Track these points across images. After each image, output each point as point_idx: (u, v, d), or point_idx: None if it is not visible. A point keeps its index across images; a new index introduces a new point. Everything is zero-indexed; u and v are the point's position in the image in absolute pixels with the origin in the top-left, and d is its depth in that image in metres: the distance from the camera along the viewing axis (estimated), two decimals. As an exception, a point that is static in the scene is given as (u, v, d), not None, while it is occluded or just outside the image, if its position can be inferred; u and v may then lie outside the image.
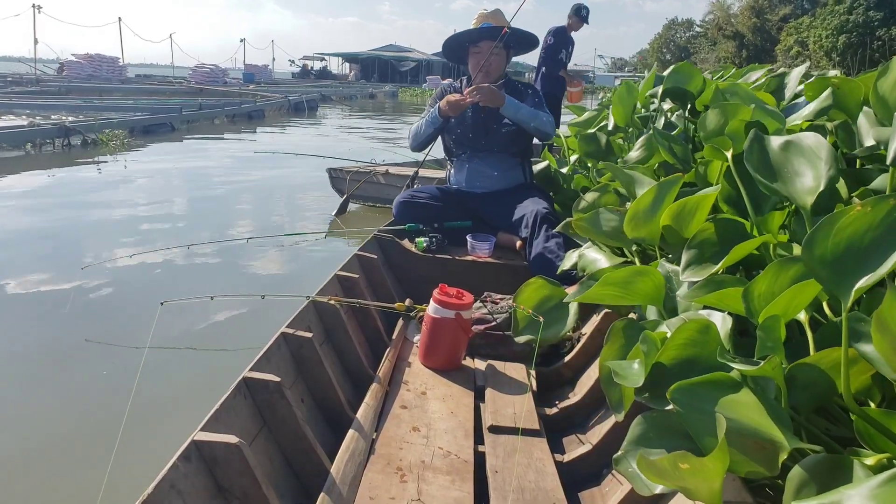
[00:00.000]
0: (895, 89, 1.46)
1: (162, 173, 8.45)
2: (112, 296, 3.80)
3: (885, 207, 1.01)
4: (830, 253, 1.05)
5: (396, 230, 3.21)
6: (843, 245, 1.04)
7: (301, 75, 56.71)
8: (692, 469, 0.92)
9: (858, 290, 1.00)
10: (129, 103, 17.08)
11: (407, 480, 1.56)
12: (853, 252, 1.04)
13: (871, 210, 1.02)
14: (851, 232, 1.04)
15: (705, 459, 0.90)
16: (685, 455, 0.92)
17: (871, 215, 1.02)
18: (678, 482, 0.97)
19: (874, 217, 1.02)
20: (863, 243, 1.03)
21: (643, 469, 1.01)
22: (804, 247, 1.07)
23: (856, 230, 1.03)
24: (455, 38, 3.42)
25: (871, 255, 1.02)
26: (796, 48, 30.78)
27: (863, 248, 1.03)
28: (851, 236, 1.04)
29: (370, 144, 9.13)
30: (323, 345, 2.13)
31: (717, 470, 0.91)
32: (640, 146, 2.56)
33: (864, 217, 1.03)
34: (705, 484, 0.94)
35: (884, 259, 1.00)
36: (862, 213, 1.03)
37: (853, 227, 1.04)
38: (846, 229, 1.04)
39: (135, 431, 2.24)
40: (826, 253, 1.05)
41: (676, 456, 0.93)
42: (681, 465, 0.93)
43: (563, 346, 2.37)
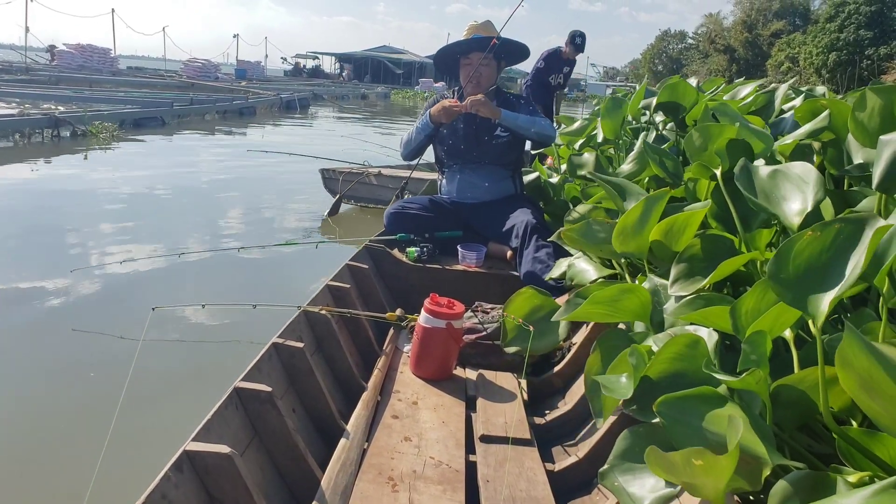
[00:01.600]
0: (872, 118, 1.50)
1: (152, 168, 8.41)
2: (102, 300, 3.77)
3: (832, 231, 1.10)
4: (793, 275, 1.12)
5: (388, 240, 3.23)
6: (803, 267, 1.12)
7: (293, 73, 56.52)
8: (705, 466, 0.94)
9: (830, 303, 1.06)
10: (120, 95, 16.96)
11: (398, 490, 1.57)
12: (813, 273, 1.11)
13: (822, 234, 1.10)
14: (808, 255, 1.11)
15: (720, 457, 0.93)
16: (701, 451, 0.95)
17: (822, 239, 1.10)
18: (686, 478, 0.99)
19: (824, 240, 1.10)
20: (819, 264, 1.11)
21: (652, 463, 1.03)
22: (769, 272, 1.14)
23: (811, 253, 1.11)
24: (445, 49, 3.44)
25: (829, 275, 1.09)
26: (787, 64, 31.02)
27: (820, 269, 1.10)
28: (809, 259, 1.11)
29: (362, 145, 9.08)
30: (314, 355, 2.15)
31: (729, 468, 0.93)
32: (632, 160, 2.58)
33: (817, 241, 1.11)
34: (713, 482, 0.96)
35: (841, 278, 1.07)
36: (813, 237, 1.11)
37: (808, 250, 1.11)
38: (803, 253, 1.12)
39: (123, 439, 2.23)
40: (790, 276, 1.12)
41: (691, 452, 0.96)
42: (695, 461, 0.95)
43: (553, 355, 2.39)
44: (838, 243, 1.08)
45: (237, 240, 5.21)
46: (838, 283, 1.06)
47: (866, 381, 0.85)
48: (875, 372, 0.85)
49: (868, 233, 1.05)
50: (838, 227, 1.08)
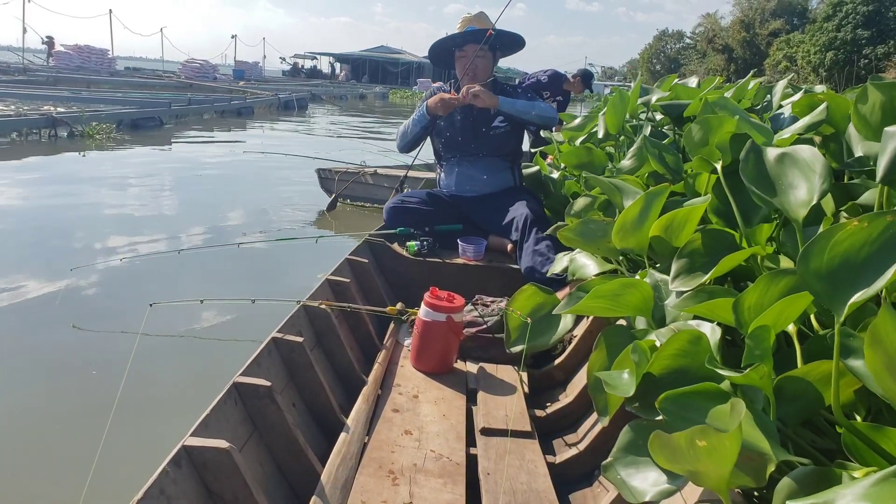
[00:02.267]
0: (874, 112, 1.49)
1: (150, 168, 8.40)
2: (101, 297, 3.76)
3: (882, 224, 1.02)
4: (825, 267, 1.06)
5: (387, 234, 3.22)
6: (839, 260, 1.06)
7: (291, 73, 56.52)
8: (709, 446, 0.93)
9: (853, 304, 1.02)
10: (118, 96, 16.94)
11: (399, 484, 1.57)
12: (848, 267, 1.05)
13: (868, 226, 1.03)
14: (847, 247, 1.05)
15: (724, 435, 0.91)
16: (705, 430, 0.93)
17: (868, 231, 1.03)
18: (690, 464, 0.98)
19: (870, 233, 1.03)
20: (858, 258, 1.04)
21: (655, 449, 1.02)
22: (800, 260, 1.09)
23: (851, 245, 1.05)
24: (440, 43, 3.42)
25: (865, 270, 1.03)
26: (784, 63, 31.08)
27: (858, 264, 1.04)
28: (847, 251, 1.05)
29: (360, 145, 9.09)
30: (314, 349, 2.14)
31: (732, 449, 0.92)
32: (632, 155, 2.58)
33: (861, 232, 1.04)
34: (717, 467, 0.95)
35: (878, 275, 1.01)
36: (858, 228, 1.04)
37: (849, 241, 1.05)
38: (842, 244, 1.05)
39: (121, 435, 2.22)
40: (821, 267, 1.07)
41: (694, 431, 0.94)
42: (698, 441, 0.93)
43: (554, 348, 2.39)
44: (885, 238, 1.02)
45: (235, 237, 5.21)
46: (874, 280, 1.01)
47: (894, 361, 0.83)
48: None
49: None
50: (890, 219, 1.01)
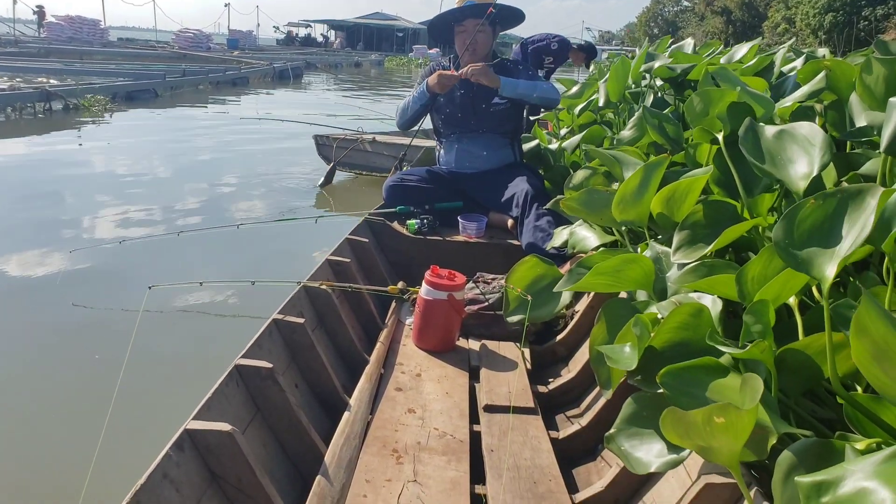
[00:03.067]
0: (878, 83, 1.48)
1: (146, 141, 8.35)
2: (101, 279, 3.74)
3: (833, 202, 1.12)
4: (798, 241, 1.14)
5: (387, 213, 3.21)
6: (808, 233, 1.14)
7: (286, 42, 55.96)
8: (727, 423, 0.93)
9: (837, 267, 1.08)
10: (112, 68, 16.79)
11: (403, 462, 1.58)
12: (818, 238, 1.13)
13: (823, 203, 1.13)
14: (812, 221, 1.14)
15: (743, 412, 0.92)
16: (725, 407, 0.94)
17: (824, 207, 1.13)
18: (703, 440, 0.99)
19: (828, 208, 1.13)
20: (824, 229, 1.13)
21: (667, 425, 1.02)
22: (774, 238, 1.15)
23: (816, 219, 1.13)
24: (440, 18, 3.37)
25: (835, 239, 1.11)
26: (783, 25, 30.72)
27: (826, 234, 1.12)
28: (813, 225, 1.14)
29: (358, 112, 9.03)
30: (315, 330, 2.14)
31: (748, 425, 0.93)
32: (633, 125, 2.56)
33: (819, 209, 1.13)
34: (730, 443, 0.96)
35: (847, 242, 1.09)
36: (816, 205, 1.13)
37: (813, 217, 1.14)
38: (808, 219, 1.14)
39: (123, 418, 2.21)
40: (794, 242, 1.14)
41: (714, 409, 0.94)
42: (716, 418, 0.94)
43: (556, 323, 2.40)
44: (842, 210, 1.10)
45: (235, 215, 5.19)
46: (844, 247, 1.07)
47: (882, 350, 0.84)
48: (892, 341, 0.84)
49: (871, 201, 1.07)
50: (840, 197, 1.11)
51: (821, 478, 0.87)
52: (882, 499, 0.79)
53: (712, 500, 1.21)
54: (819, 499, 0.86)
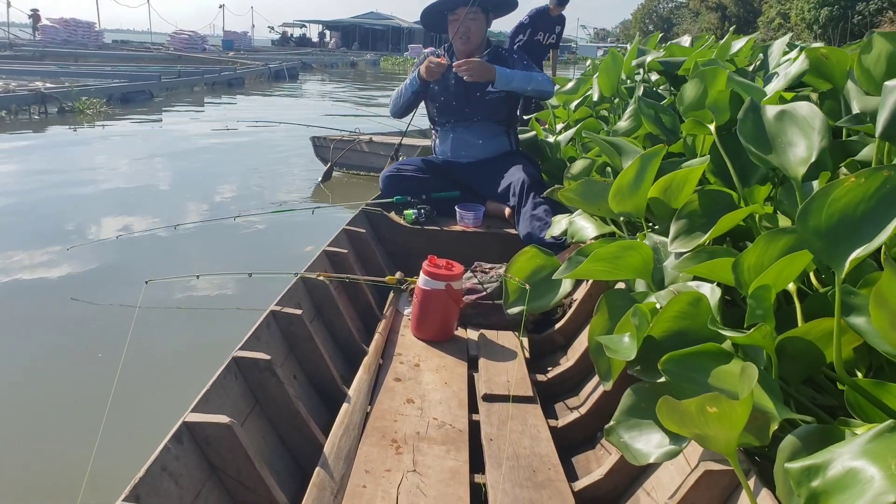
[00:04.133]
0: (878, 63, 1.47)
1: (142, 143, 8.35)
2: (98, 275, 3.74)
3: (878, 179, 1.02)
4: (824, 224, 1.06)
5: (384, 203, 3.20)
6: (837, 216, 1.05)
7: (281, 42, 55.92)
8: (720, 413, 0.93)
9: (853, 261, 1.01)
10: (107, 70, 16.76)
11: (402, 452, 1.57)
12: (847, 223, 1.04)
13: (865, 182, 1.03)
14: (845, 203, 1.05)
15: (735, 403, 0.91)
16: (716, 397, 0.93)
17: (865, 187, 1.03)
18: (698, 429, 0.98)
19: (867, 189, 1.03)
20: (856, 215, 1.04)
21: (664, 413, 1.02)
22: (799, 218, 1.08)
23: (849, 202, 1.04)
24: (432, 7, 3.34)
25: (864, 226, 1.03)
26: (778, 20, 30.76)
27: (856, 220, 1.04)
28: (845, 208, 1.05)
29: (354, 113, 9.02)
30: (313, 321, 2.14)
31: (743, 415, 0.92)
32: (629, 116, 2.56)
33: (858, 189, 1.03)
34: (726, 432, 0.95)
35: (877, 231, 1.00)
36: (856, 184, 1.03)
37: (847, 198, 1.04)
38: (840, 201, 1.05)
39: (121, 412, 2.21)
40: (820, 224, 1.06)
41: (706, 399, 0.94)
42: (709, 408, 0.93)
43: (554, 312, 2.40)
44: (882, 194, 1.01)
45: (232, 210, 5.18)
46: (873, 236, 1.00)
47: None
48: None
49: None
50: (887, 174, 1.01)
51: (810, 462, 0.87)
52: (870, 476, 0.80)
53: (711, 487, 1.21)
54: (810, 483, 0.86)
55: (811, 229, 1.06)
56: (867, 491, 0.79)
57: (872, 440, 0.86)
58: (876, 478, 0.80)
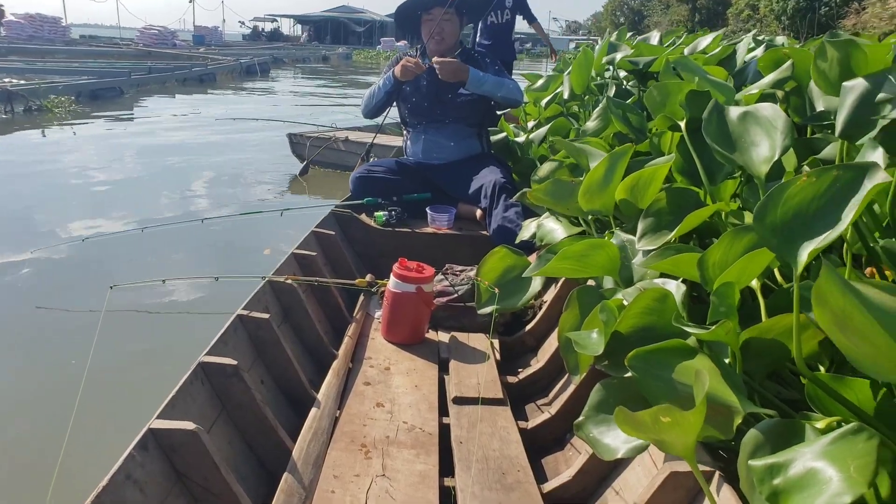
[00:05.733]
0: (832, 68, 1.49)
1: (112, 141, 8.22)
2: (63, 279, 3.68)
3: (829, 178, 1.04)
4: (780, 222, 1.08)
5: (354, 205, 3.18)
6: (792, 214, 1.07)
7: (252, 37, 55.49)
8: (673, 422, 0.94)
9: (811, 253, 1.04)
10: (75, 66, 16.48)
11: (371, 457, 1.57)
12: (801, 221, 1.07)
13: (817, 180, 1.05)
14: (799, 201, 1.07)
15: (687, 413, 0.92)
16: (668, 409, 0.94)
17: (817, 185, 1.05)
18: (655, 435, 0.99)
19: (819, 187, 1.05)
20: (809, 212, 1.06)
21: (621, 422, 1.03)
22: (755, 217, 1.10)
23: (802, 200, 1.06)
24: (405, 7, 3.34)
25: (817, 223, 1.05)
26: (747, 12, 30.99)
27: (810, 217, 1.06)
28: (799, 206, 1.07)
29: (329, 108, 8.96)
30: (281, 325, 2.12)
31: (696, 423, 0.93)
32: (597, 116, 2.57)
33: (810, 187, 1.06)
34: (681, 438, 0.96)
35: (830, 227, 1.03)
36: (808, 183, 1.05)
37: (800, 196, 1.07)
38: (794, 199, 1.07)
39: (87, 421, 2.17)
40: (776, 221, 1.08)
41: (659, 410, 0.95)
42: (662, 418, 0.95)
43: (525, 314, 2.40)
44: (832, 192, 1.04)
45: (203, 210, 5.14)
46: (825, 232, 1.03)
47: (840, 317, 0.85)
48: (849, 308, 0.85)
49: (867, 184, 1.00)
50: (836, 173, 1.04)
51: (772, 461, 0.89)
52: (829, 477, 0.82)
53: (677, 489, 1.23)
54: (772, 481, 0.88)
55: (768, 227, 1.08)
56: (825, 491, 0.81)
57: (834, 441, 0.87)
58: (834, 479, 0.81)
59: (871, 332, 0.84)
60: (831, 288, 0.85)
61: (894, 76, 1.29)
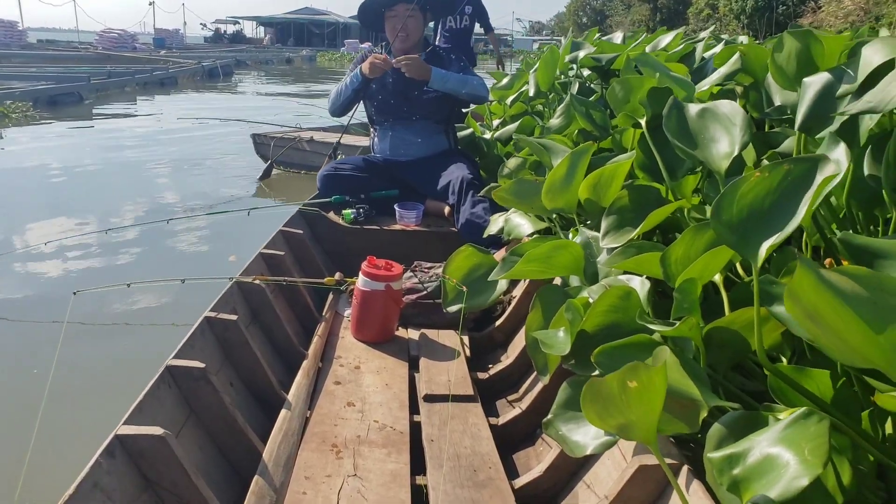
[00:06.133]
0: (789, 61, 1.52)
1: (72, 146, 8.08)
2: (25, 286, 3.62)
3: (781, 173, 1.06)
4: (736, 218, 1.09)
5: (322, 203, 3.17)
6: (747, 210, 1.09)
7: (214, 40, 54.94)
8: (639, 386, 0.94)
9: (766, 250, 1.05)
10: (32, 71, 16.19)
11: (343, 457, 1.57)
12: (756, 216, 1.08)
13: (769, 175, 1.06)
14: (753, 197, 1.08)
15: (652, 370, 0.93)
16: (635, 367, 0.94)
17: (770, 180, 1.07)
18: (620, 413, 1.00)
19: (772, 182, 1.07)
20: (764, 207, 1.08)
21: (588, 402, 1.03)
22: (712, 215, 1.11)
23: (757, 195, 1.08)
24: (369, 2, 3.34)
25: (772, 218, 1.07)
26: (707, 11, 31.42)
27: (764, 212, 1.08)
28: (753, 201, 1.08)
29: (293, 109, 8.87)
30: (249, 326, 2.11)
31: (660, 385, 0.94)
32: (560, 113, 2.59)
33: (764, 182, 1.07)
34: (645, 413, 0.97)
35: (785, 221, 1.04)
36: (761, 178, 1.07)
37: (754, 192, 1.08)
38: (748, 195, 1.08)
39: (52, 427, 2.15)
40: (732, 219, 1.09)
41: (626, 371, 0.94)
42: (629, 383, 0.94)
43: (494, 310, 2.42)
44: (785, 186, 1.06)
45: (167, 213, 5.07)
46: (781, 227, 1.05)
47: (813, 312, 0.86)
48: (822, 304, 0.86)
49: (819, 177, 1.02)
50: (787, 168, 1.05)
51: (731, 451, 0.91)
52: (786, 462, 0.84)
53: (646, 481, 1.25)
54: (731, 471, 0.90)
55: (725, 224, 1.10)
56: (783, 476, 0.83)
57: (788, 426, 0.90)
58: (791, 463, 0.83)
59: (844, 324, 0.85)
60: (806, 281, 0.86)
61: (853, 70, 1.31)
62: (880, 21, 16.28)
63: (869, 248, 1.08)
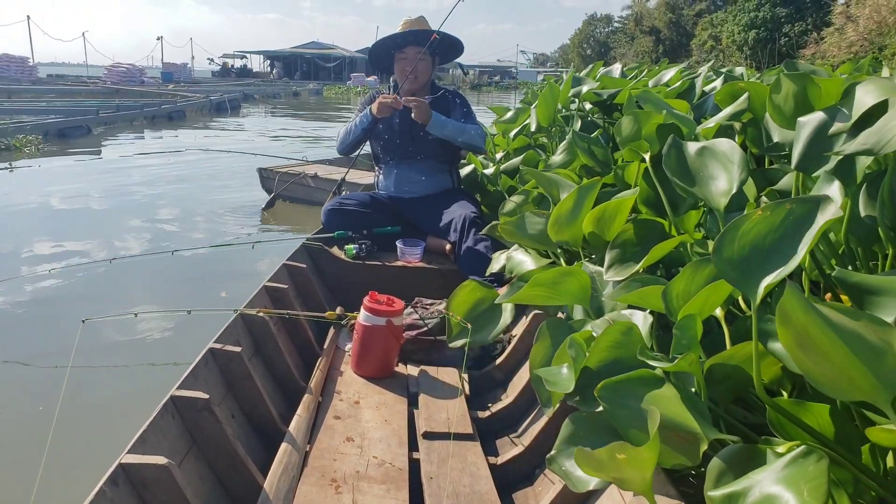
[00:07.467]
0: (787, 101, 1.54)
1: (81, 177, 8.14)
2: (30, 314, 3.64)
3: (783, 212, 1.07)
4: (737, 255, 1.10)
5: (325, 238, 3.19)
6: (748, 248, 1.10)
7: (221, 74, 55.53)
8: (628, 459, 0.96)
9: (765, 288, 1.06)
10: (42, 105, 16.37)
11: (342, 492, 1.56)
12: (757, 254, 1.09)
13: (771, 214, 1.08)
14: (754, 235, 1.10)
15: (640, 448, 0.94)
16: (622, 445, 0.96)
17: (771, 219, 1.08)
18: (613, 473, 1.01)
19: (773, 221, 1.08)
20: (765, 245, 1.09)
21: (581, 462, 1.05)
22: (714, 251, 1.12)
23: (758, 233, 1.10)
24: (380, 44, 3.40)
25: (773, 255, 1.08)
26: (710, 42, 31.74)
27: (765, 250, 1.09)
28: (755, 239, 1.10)
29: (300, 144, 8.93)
30: (252, 358, 2.11)
31: (650, 458, 0.95)
32: (563, 150, 2.62)
33: (765, 221, 1.09)
34: (638, 473, 0.98)
35: (785, 259, 1.06)
36: (763, 217, 1.09)
37: (755, 230, 1.10)
38: (750, 233, 1.10)
39: (59, 456, 2.15)
40: (733, 255, 1.11)
41: (614, 447, 0.97)
42: (618, 455, 0.96)
43: (494, 348, 2.41)
44: (786, 225, 1.07)
45: (172, 244, 5.10)
46: (781, 264, 1.06)
47: (802, 337, 0.87)
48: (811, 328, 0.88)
49: (821, 218, 1.03)
50: (789, 207, 1.07)
51: (730, 489, 0.91)
52: (785, 501, 0.84)
53: None
54: None
55: (726, 261, 1.11)
56: (782, 517, 0.83)
57: (787, 465, 0.90)
58: (790, 503, 0.83)
59: (832, 351, 0.86)
60: (794, 307, 0.88)
61: (848, 109, 1.33)
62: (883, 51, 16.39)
63: (864, 284, 1.09)
